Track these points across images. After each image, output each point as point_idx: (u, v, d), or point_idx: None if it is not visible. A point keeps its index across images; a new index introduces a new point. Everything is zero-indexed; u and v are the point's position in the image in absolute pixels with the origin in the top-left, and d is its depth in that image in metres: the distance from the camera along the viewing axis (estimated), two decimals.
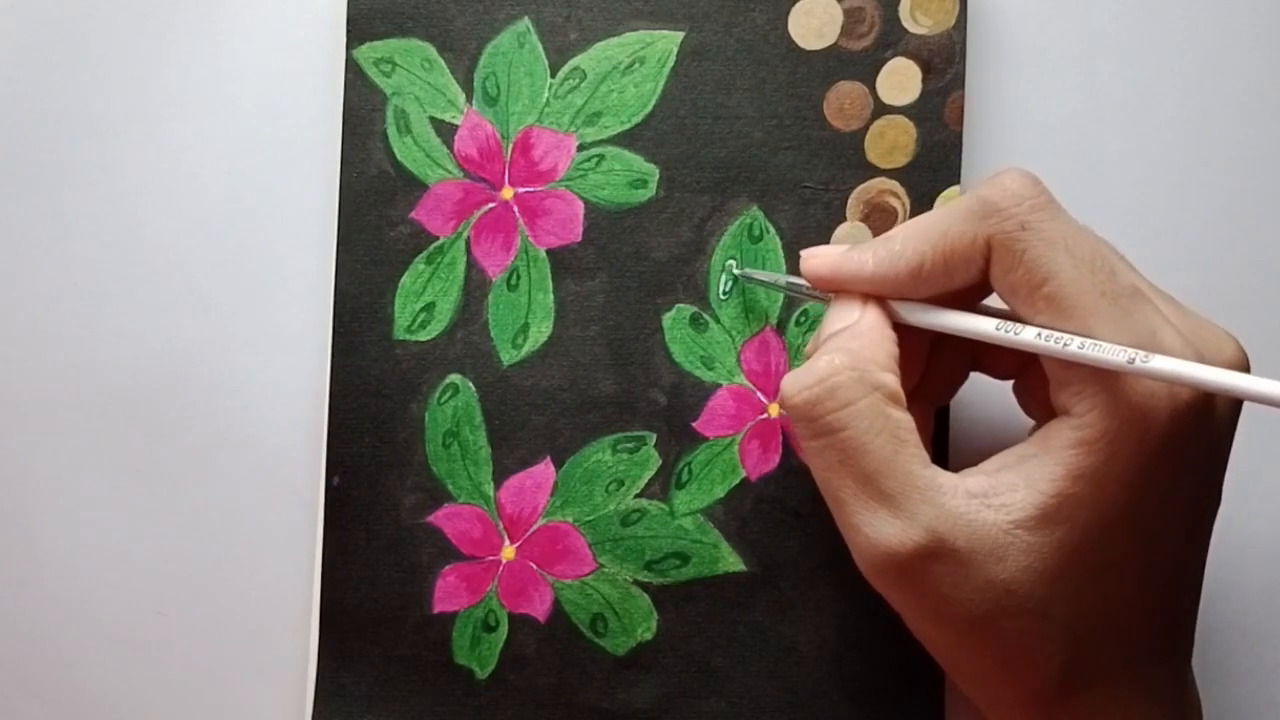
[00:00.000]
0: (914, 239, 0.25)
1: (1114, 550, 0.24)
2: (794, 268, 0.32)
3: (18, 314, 0.34)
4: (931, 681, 0.31)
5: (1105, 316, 0.23)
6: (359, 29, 0.32)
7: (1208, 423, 0.24)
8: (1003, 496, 0.24)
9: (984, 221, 0.24)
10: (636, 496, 0.32)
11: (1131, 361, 0.22)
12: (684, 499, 0.32)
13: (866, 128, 0.32)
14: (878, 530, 0.24)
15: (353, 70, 0.32)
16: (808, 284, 0.28)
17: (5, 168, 0.34)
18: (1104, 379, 0.23)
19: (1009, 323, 0.25)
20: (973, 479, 0.24)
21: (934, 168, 0.31)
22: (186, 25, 0.34)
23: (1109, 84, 0.33)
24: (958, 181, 0.31)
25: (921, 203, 0.32)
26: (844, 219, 0.32)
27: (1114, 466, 0.23)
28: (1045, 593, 0.23)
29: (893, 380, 0.25)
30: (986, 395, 0.31)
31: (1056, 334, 0.23)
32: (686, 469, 0.32)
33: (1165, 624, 0.25)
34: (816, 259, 0.27)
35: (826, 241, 0.32)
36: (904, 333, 0.26)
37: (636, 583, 0.32)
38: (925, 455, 0.24)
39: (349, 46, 0.32)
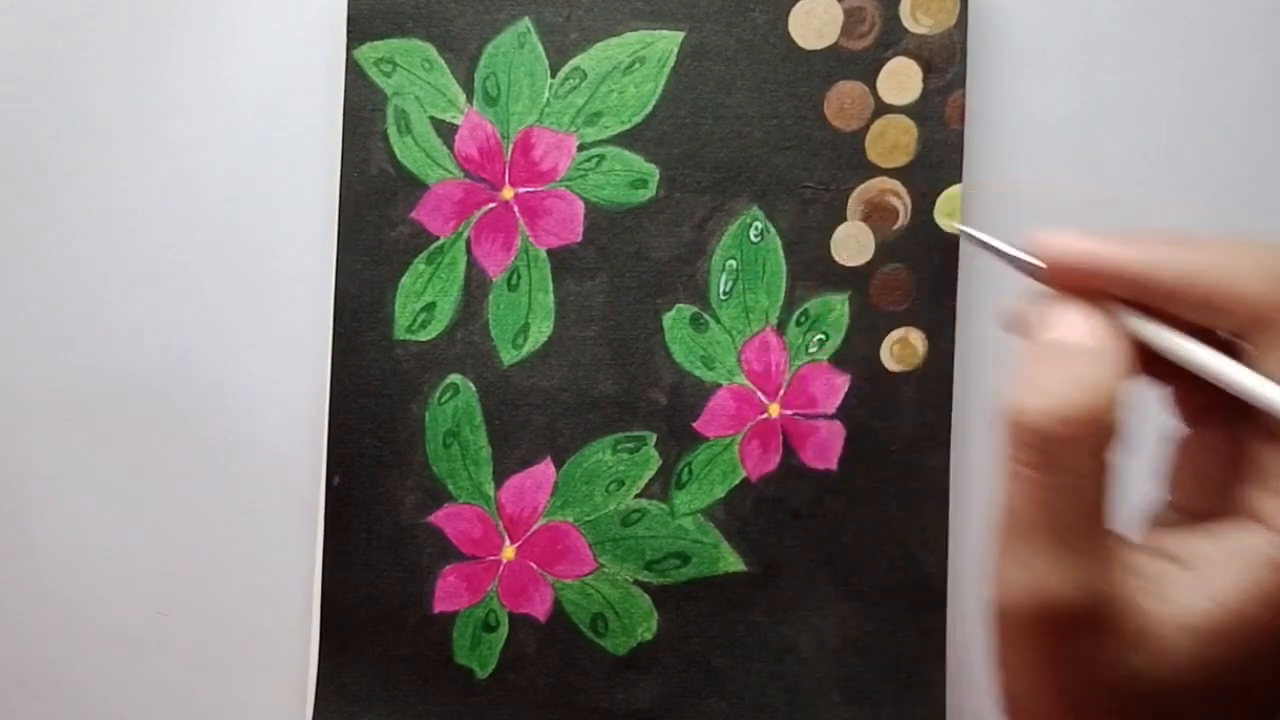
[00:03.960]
0: (1213, 256, 0.21)
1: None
2: (794, 267, 0.32)
3: (18, 314, 0.34)
4: (931, 681, 0.31)
5: None
6: (359, 29, 0.32)
7: None
8: (1178, 585, 0.20)
9: None
10: (637, 496, 0.32)
11: None
12: (684, 499, 0.32)
13: (867, 127, 0.32)
14: (1039, 574, 0.20)
15: (353, 70, 0.32)
16: (1036, 263, 0.22)
17: (5, 168, 0.34)
18: None
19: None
20: (1144, 554, 0.21)
21: (935, 167, 0.31)
22: (186, 25, 0.34)
23: (1109, 84, 0.33)
24: (959, 181, 0.31)
25: (922, 202, 0.32)
26: (844, 219, 0.32)
27: None
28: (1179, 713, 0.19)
29: (1123, 424, 0.20)
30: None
31: None
32: (687, 469, 0.32)
33: None
34: (1065, 242, 0.22)
35: (827, 240, 0.32)
36: None
37: (637, 583, 0.32)
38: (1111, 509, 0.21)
39: (349, 46, 0.32)
